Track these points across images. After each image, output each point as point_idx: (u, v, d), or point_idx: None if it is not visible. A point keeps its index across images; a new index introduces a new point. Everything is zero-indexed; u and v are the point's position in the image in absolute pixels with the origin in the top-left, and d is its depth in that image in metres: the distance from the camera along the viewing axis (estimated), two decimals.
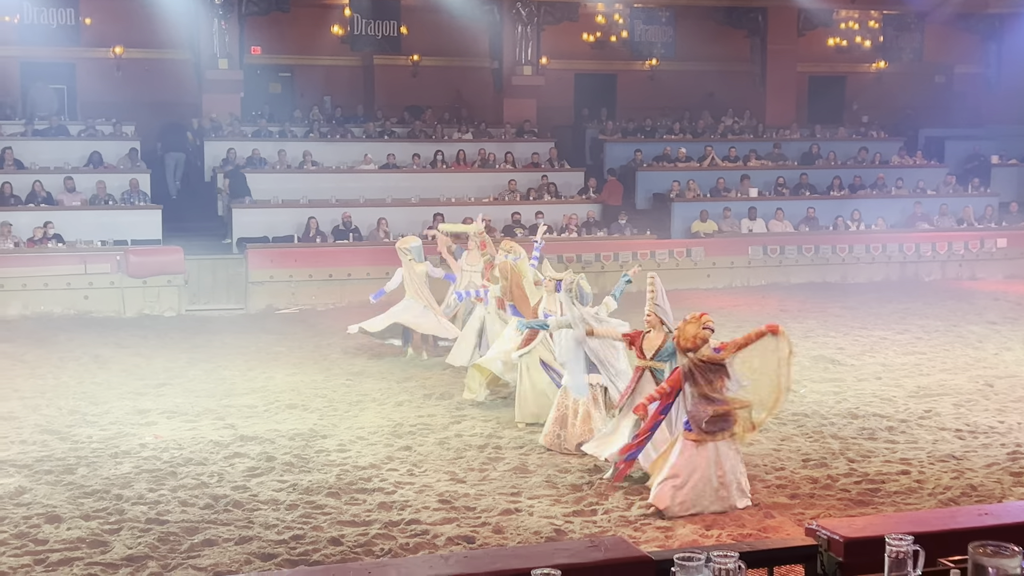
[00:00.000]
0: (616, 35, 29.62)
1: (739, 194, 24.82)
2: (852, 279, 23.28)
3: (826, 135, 28.33)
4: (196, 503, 9.37)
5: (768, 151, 27.01)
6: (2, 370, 14.70)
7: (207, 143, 24.09)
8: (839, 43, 31.06)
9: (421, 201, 23.16)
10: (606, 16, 29.42)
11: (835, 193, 25.37)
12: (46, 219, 20.27)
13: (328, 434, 11.59)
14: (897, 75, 31.15)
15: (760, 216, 23.96)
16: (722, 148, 26.68)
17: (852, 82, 31.96)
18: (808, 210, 24.31)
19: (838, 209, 24.64)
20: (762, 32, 28.92)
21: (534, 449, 11.01)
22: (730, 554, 4.20)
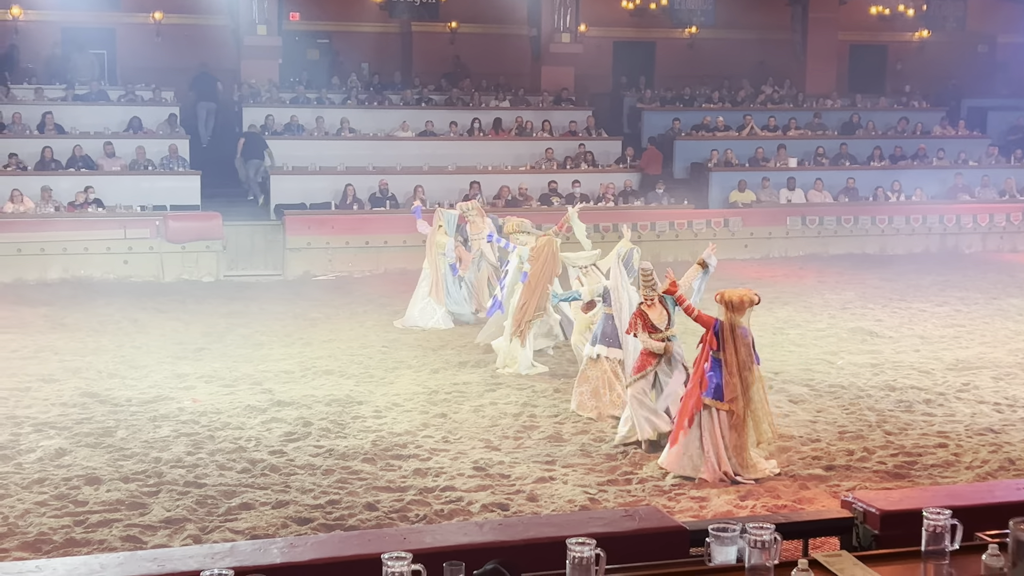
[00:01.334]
0: (656, 2, 29.38)
1: (778, 164, 24.63)
2: (891, 250, 23.08)
3: (867, 105, 28.02)
4: (233, 467, 9.47)
5: (808, 120, 26.76)
6: (43, 333, 14.87)
7: (245, 109, 24.13)
8: (881, 11, 30.63)
9: (458, 169, 23.13)
10: None
11: (875, 164, 25.13)
12: (86, 184, 20.43)
13: (364, 400, 11.66)
14: (940, 44, 30.74)
15: (799, 186, 23.77)
16: (761, 117, 26.45)
17: (894, 51, 31.57)
18: (848, 180, 24.09)
19: (878, 180, 24.40)
20: (803, 0, 28.59)
21: (568, 418, 11.03)
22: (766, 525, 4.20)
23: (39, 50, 26.00)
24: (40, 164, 21.06)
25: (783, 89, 28.48)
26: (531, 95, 26.73)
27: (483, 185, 22.29)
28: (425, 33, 28.41)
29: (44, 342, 14.30)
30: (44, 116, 22.16)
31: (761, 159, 24.71)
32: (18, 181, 20.22)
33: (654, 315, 10.07)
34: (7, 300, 17.23)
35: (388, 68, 28.05)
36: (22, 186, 20.01)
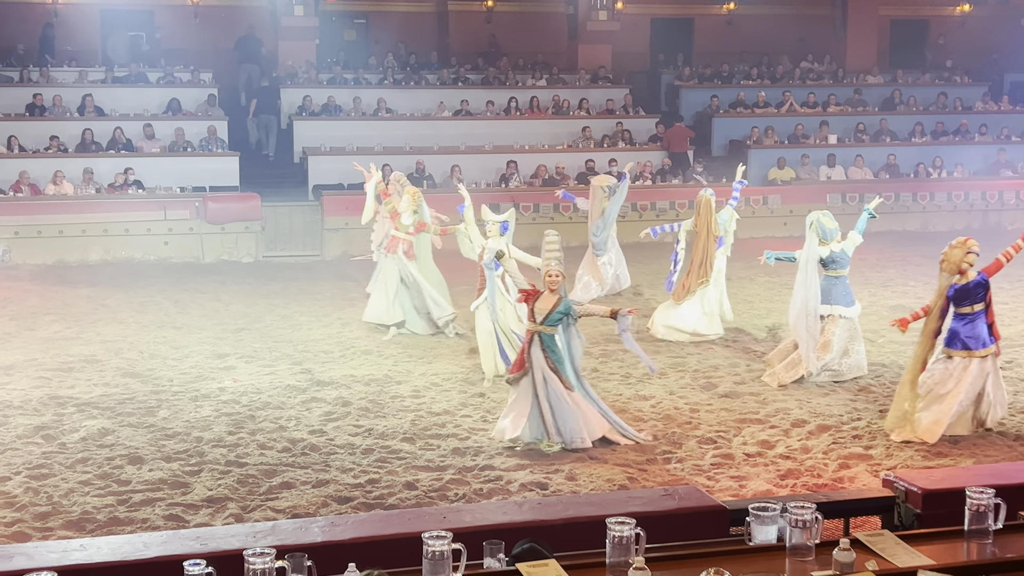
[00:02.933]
0: None
1: (818, 140, 24.42)
2: (933, 227, 22.83)
3: (908, 80, 27.68)
4: (274, 446, 9.53)
5: (848, 96, 26.50)
6: (85, 314, 15.02)
7: (283, 90, 24.20)
8: None
9: (495, 148, 23.10)
10: None
11: (916, 140, 24.85)
12: (126, 165, 20.58)
13: (402, 380, 11.70)
14: (982, 18, 30.28)
15: (839, 163, 23.56)
16: (801, 94, 26.22)
17: (935, 26, 31.14)
18: (888, 157, 23.86)
19: (919, 156, 24.13)
20: None
21: (606, 397, 11.00)
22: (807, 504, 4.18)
23: (78, 32, 26.15)
24: (81, 146, 21.23)
25: (823, 65, 28.20)
26: (568, 73, 26.62)
27: (520, 164, 22.25)
28: (461, 12, 28.35)
29: (86, 323, 14.44)
30: (84, 98, 22.32)
31: (800, 136, 24.51)
32: (59, 163, 20.39)
33: (543, 302, 9.53)
34: (49, 282, 17.41)
35: (425, 48, 28.03)
36: (63, 168, 20.18)
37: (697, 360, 12.50)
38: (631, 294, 16.51)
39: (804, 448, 9.57)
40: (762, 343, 13.39)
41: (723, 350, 13.02)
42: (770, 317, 14.92)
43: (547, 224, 21.15)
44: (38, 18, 25.91)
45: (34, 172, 20.18)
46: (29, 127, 21.48)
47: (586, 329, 13.97)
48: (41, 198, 19.76)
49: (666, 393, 11.18)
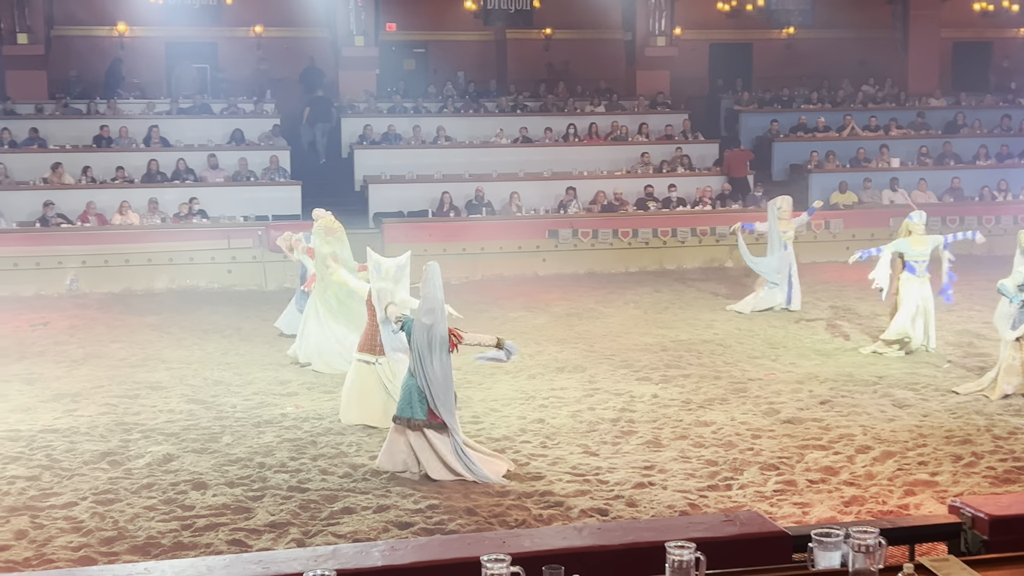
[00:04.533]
0: (752, 3, 29.09)
1: (880, 164, 24.19)
2: (999, 251, 22.40)
3: (971, 103, 27.37)
4: (335, 472, 9.60)
5: (910, 120, 26.24)
6: (150, 341, 15.24)
7: (344, 120, 24.50)
8: (985, 7, 29.90)
9: (553, 175, 23.16)
10: None
11: (981, 163, 24.54)
12: (191, 195, 20.91)
13: (461, 406, 11.67)
14: None
15: (902, 187, 23.30)
16: (862, 117, 26.01)
17: (999, 47, 30.79)
18: (953, 180, 23.56)
19: (984, 179, 23.81)
20: None
21: (667, 423, 10.96)
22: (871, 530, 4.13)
23: (144, 65, 26.66)
24: (146, 177, 21.60)
25: (884, 88, 27.97)
26: (626, 99, 26.65)
27: (578, 190, 22.28)
28: (520, 40, 28.52)
29: (152, 350, 14.65)
30: (150, 129, 22.73)
31: (862, 160, 24.31)
32: (125, 193, 20.77)
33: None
34: (116, 310, 17.70)
35: (483, 76, 28.22)
36: (130, 198, 20.54)
37: (759, 386, 12.41)
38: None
39: (868, 474, 9.45)
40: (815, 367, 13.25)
41: (785, 376, 12.91)
42: (833, 342, 14.78)
43: (606, 250, 21.25)
44: (105, 51, 26.49)
45: (101, 202, 20.56)
46: (96, 158, 21.91)
47: (644, 354, 13.97)
48: (108, 228, 20.12)
49: (727, 419, 11.10)
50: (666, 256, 21.57)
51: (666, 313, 17.08)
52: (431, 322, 9.19)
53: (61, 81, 25.28)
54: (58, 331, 16.09)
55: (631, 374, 13.02)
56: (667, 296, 18.60)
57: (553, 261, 21.11)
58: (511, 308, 17.59)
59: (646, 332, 15.57)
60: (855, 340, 14.86)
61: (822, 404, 11.61)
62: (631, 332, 15.58)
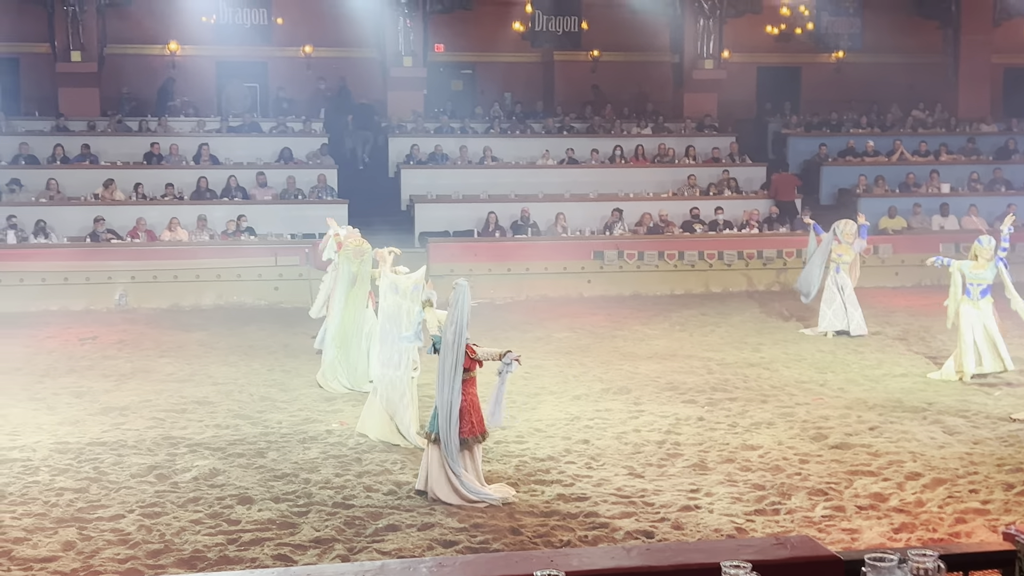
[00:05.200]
0: (801, 27, 29.01)
1: (930, 189, 23.97)
2: None
3: (1022, 129, 27.07)
4: (380, 489, 9.59)
5: (961, 145, 26.00)
6: (197, 357, 15.35)
7: (391, 139, 24.64)
8: None
9: (599, 196, 23.14)
10: (791, 8, 28.84)
11: None
12: (239, 212, 21.07)
13: (506, 426, 11.67)
14: None
15: (952, 212, 23.07)
16: (912, 142, 25.81)
17: None
18: (1009, 207, 23.20)
19: None
20: (955, 22, 27.84)
21: (713, 446, 10.87)
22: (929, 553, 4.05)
23: (195, 84, 26.97)
24: (196, 194, 21.81)
25: (934, 113, 27.74)
26: (673, 122, 26.61)
27: (624, 212, 22.23)
28: (567, 62, 28.57)
29: (199, 366, 14.75)
30: (200, 147, 22.97)
31: (912, 185, 24.10)
32: (175, 210, 20.98)
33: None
34: (164, 325, 17.85)
35: (530, 97, 28.29)
36: (179, 215, 20.75)
37: (806, 411, 12.29)
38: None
39: (919, 501, 9.31)
40: (863, 393, 13.11)
41: (833, 401, 12.78)
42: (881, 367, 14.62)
43: (651, 272, 21.17)
44: (157, 70, 26.80)
45: (151, 219, 20.79)
46: (147, 175, 22.16)
47: (689, 377, 13.89)
48: (157, 244, 20.33)
49: (774, 443, 10.99)
50: (712, 279, 21.47)
51: (712, 336, 16.99)
52: (454, 340, 9.17)
53: (113, 98, 25.61)
54: (107, 345, 16.25)
55: (676, 396, 12.94)
56: (713, 319, 18.50)
57: (598, 282, 21.07)
58: (555, 329, 17.56)
59: (691, 355, 15.48)
60: (903, 366, 14.70)
61: (871, 430, 11.48)
62: (676, 354, 15.51)
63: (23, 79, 26.53)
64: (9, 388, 13.41)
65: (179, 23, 25.73)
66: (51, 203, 21.24)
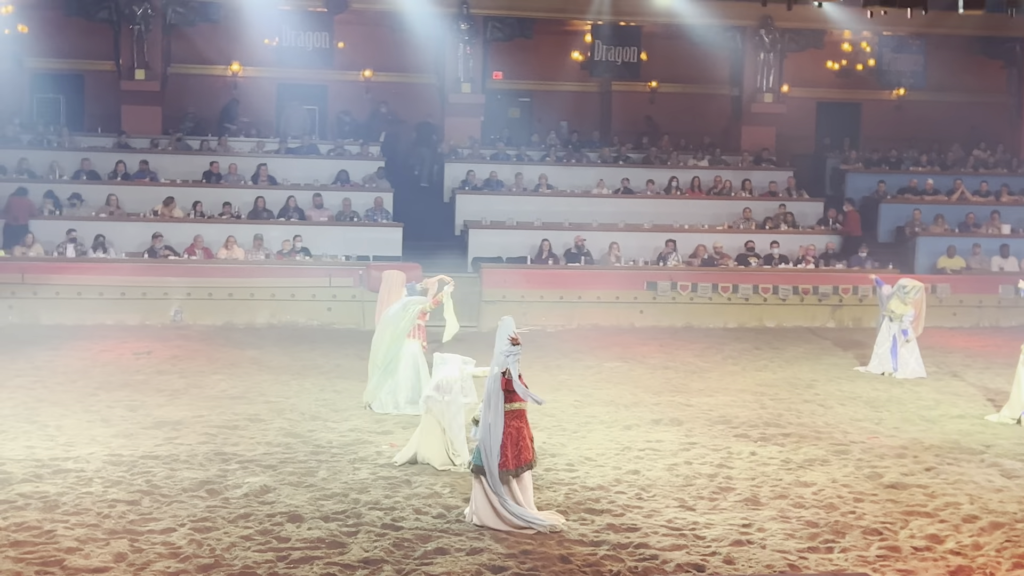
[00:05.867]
0: (862, 63, 28.83)
1: (990, 230, 23.67)
2: None
3: None
4: (429, 512, 9.56)
5: (1023, 187, 25.66)
6: (250, 375, 15.43)
7: (447, 164, 24.76)
8: None
9: (654, 227, 23.08)
10: (852, 44, 28.69)
11: None
12: (295, 233, 21.23)
13: (557, 453, 11.63)
14: None
15: (1012, 254, 22.76)
16: (973, 182, 25.53)
17: None
18: None
19: None
20: (1020, 63, 27.57)
21: (766, 481, 10.74)
22: None
23: (255, 105, 27.25)
24: (253, 213, 22.01)
25: (996, 154, 27.43)
26: (730, 155, 26.52)
27: (677, 243, 22.15)
28: (625, 92, 28.59)
29: (251, 383, 14.84)
30: (259, 168, 23.19)
31: (972, 224, 23.82)
32: (232, 229, 21.19)
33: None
34: (217, 342, 17.99)
35: (587, 126, 28.31)
36: (236, 234, 20.94)
37: (861, 449, 12.11)
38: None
39: (976, 545, 9.13)
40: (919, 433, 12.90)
41: (889, 440, 12.59)
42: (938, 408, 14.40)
43: (704, 305, 21.06)
44: (219, 90, 27.14)
45: (208, 237, 21.00)
46: (205, 193, 22.42)
47: (742, 411, 13.76)
48: (213, 261, 20.52)
49: (828, 481, 10.83)
50: (766, 313, 21.31)
51: (765, 371, 16.83)
52: (492, 373, 9.17)
53: (175, 117, 25.94)
54: (161, 360, 16.39)
55: (729, 430, 12.81)
56: (767, 354, 18.34)
57: (651, 313, 20.98)
58: (606, 358, 17.49)
59: (744, 389, 15.34)
60: (961, 407, 14.47)
61: (927, 471, 11.28)
62: (729, 388, 15.37)
63: (87, 96, 26.98)
64: (64, 400, 13.56)
65: (241, 45, 26.03)
66: (111, 218, 21.53)
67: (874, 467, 11.38)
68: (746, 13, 25.24)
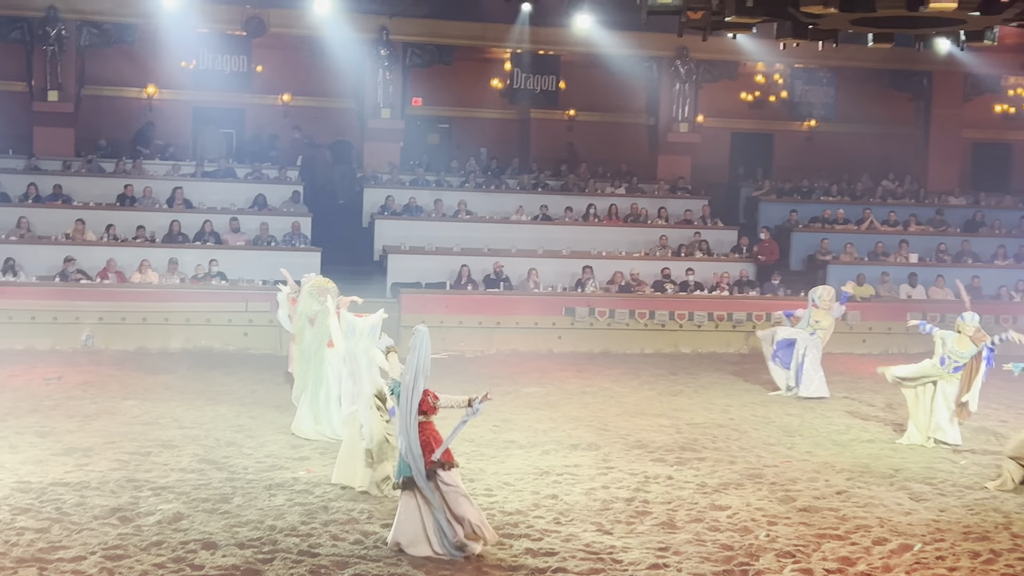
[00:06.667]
0: (775, 95, 29.41)
1: (898, 259, 24.23)
2: (1017, 351, 22.26)
3: (991, 203, 27.49)
4: (346, 538, 9.50)
5: (930, 217, 26.34)
6: (163, 401, 15.21)
7: (366, 190, 24.70)
8: (1007, 110, 30.20)
9: (572, 253, 23.25)
10: (766, 76, 29.25)
11: (999, 262, 24.57)
12: (211, 257, 20.99)
13: (475, 478, 11.63)
14: None
15: (920, 282, 23.31)
16: (881, 212, 26.13)
17: (1019, 150, 30.98)
18: (973, 279, 23.48)
19: (1002, 279, 23.83)
20: (927, 96, 28.31)
21: (682, 505, 10.85)
22: None
23: (171, 128, 26.95)
24: (168, 237, 21.73)
25: (904, 184, 28.12)
26: (647, 183, 26.83)
27: (596, 269, 22.33)
28: (544, 120, 28.81)
29: (165, 409, 14.62)
30: (174, 191, 22.92)
31: (881, 253, 24.35)
32: (146, 252, 20.91)
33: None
34: (130, 368, 17.70)
35: (506, 153, 28.46)
36: (150, 257, 20.66)
37: (774, 473, 12.30)
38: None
39: (886, 567, 9.31)
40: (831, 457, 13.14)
41: (801, 464, 12.80)
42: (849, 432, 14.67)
43: (622, 330, 21.24)
44: (133, 112, 26.79)
45: (122, 260, 20.68)
46: (120, 216, 22.09)
47: (659, 435, 13.90)
48: (127, 285, 20.21)
49: (743, 504, 10.98)
50: (682, 339, 21.56)
51: (681, 396, 17.02)
52: (412, 386, 9.16)
53: (88, 140, 25.52)
54: (72, 386, 16.08)
55: (646, 454, 12.92)
56: (682, 379, 18.54)
57: (569, 339, 21.10)
58: (525, 383, 17.54)
59: (661, 414, 15.49)
60: (871, 432, 14.77)
61: (839, 494, 11.49)
62: (646, 413, 15.51)
63: None
64: None
65: (158, 67, 25.73)
66: (21, 241, 21.11)
67: (787, 490, 11.56)
68: (662, 44, 25.58)
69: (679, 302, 21.83)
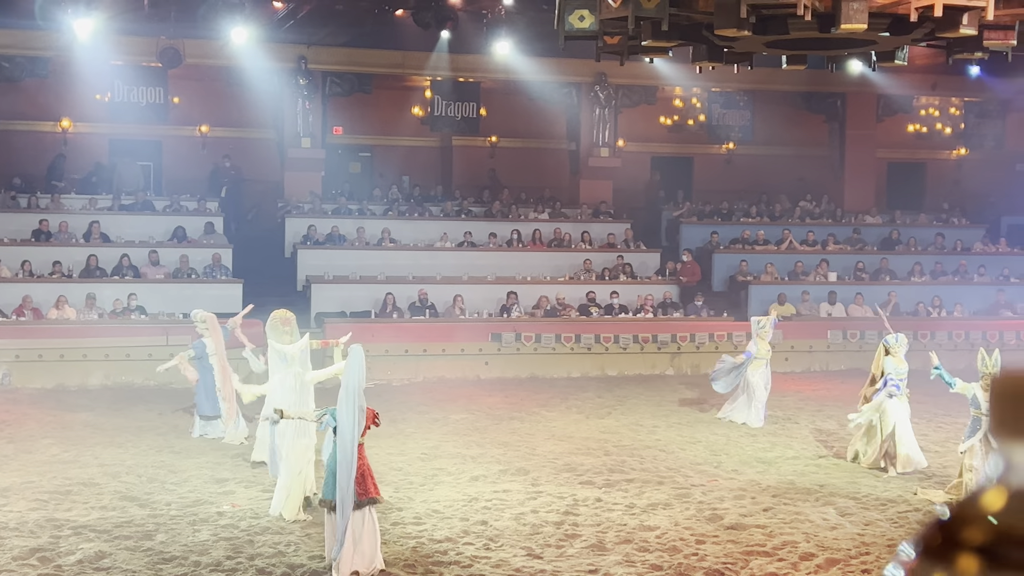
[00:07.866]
0: (693, 118, 29.76)
1: (817, 278, 24.59)
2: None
3: (906, 221, 28.05)
4: (274, 571, 9.36)
5: (847, 236, 26.79)
6: (83, 438, 14.89)
7: (288, 219, 24.50)
8: (919, 129, 30.90)
9: (497, 279, 23.24)
10: (683, 100, 29.60)
11: (916, 279, 25.05)
12: (130, 291, 20.65)
13: (403, 507, 11.54)
14: (978, 162, 30.80)
15: (839, 300, 23.68)
16: (800, 232, 26.51)
17: (932, 168, 31.67)
18: (890, 295, 23.95)
19: (919, 295, 24.27)
20: (841, 117, 28.84)
21: (611, 527, 10.86)
22: None
23: (87, 161, 26.52)
24: (85, 272, 21.34)
25: (821, 204, 28.58)
26: (569, 208, 26.95)
27: (521, 295, 22.36)
28: (466, 147, 28.83)
29: (84, 447, 14.31)
30: (91, 225, 22.53)
31: (800, 273, 24.70)
32: (63, 288, 20.48)
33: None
34: (48, 405, 17.32)
35: (429, 180, 28.41)
36: (67, 293, 20.25)
37: (702, 492, 12.36)
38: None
39: None
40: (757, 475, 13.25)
41: (728, 483, 12.88)
42: (774, 450, 14.81)
43: (548, 355, 21.26)
44: (48, 146, 26.32)
45: (37, 297, 20.25)
46: (35, 252, 21.64)
47: (587, 458, 13.91)
48: (43, 322, 19.80)
49: (671, 524, 11.02)
50: (608, 362, 21.63)
51: (608, 418, 17.06)
52: (355, 405, 9.08)
53: (2, 175, 25.01)
54: None
55: (574, 477, 12.92)
56: (609, 401, 18.61)
57: (496, 364, 21.08)
58: (453, 410, 17.48)
59: (588, 436, 15.52)
60: (795, 449, 14.93)
61: (765, 511, 11.58)
62: (574, 436, 15.53)
63: None
64: None
65: (72, 100, 25.33)
66: None
67: (714, 509, 11.63)
68: (581, 70, 25.79)
69: (604, 325, 21.93)
